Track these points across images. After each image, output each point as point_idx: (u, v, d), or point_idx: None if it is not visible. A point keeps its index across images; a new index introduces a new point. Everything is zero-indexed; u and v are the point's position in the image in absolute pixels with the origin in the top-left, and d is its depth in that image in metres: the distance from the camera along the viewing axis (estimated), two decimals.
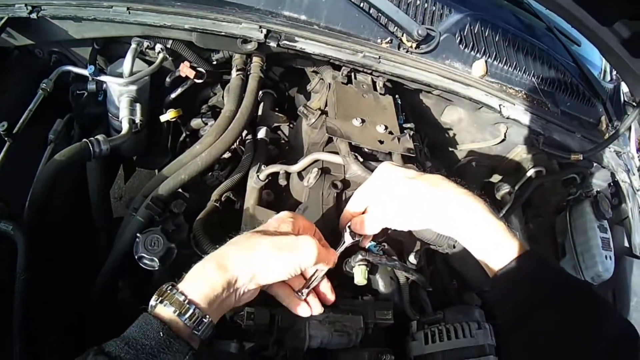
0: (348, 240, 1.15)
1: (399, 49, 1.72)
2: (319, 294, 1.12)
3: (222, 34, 1.51)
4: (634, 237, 2.22)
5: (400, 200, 1.03)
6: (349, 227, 1.15)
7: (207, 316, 0.87)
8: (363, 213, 1.14)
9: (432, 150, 2.01)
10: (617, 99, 2.50)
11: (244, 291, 0.95)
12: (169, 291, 0.88)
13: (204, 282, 0.90)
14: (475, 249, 0.99)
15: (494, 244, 0.96)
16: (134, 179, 2.45)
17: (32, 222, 1.33)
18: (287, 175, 1.48)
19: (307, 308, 1.09)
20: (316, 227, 1.15)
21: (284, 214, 1.10)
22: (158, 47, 1.60)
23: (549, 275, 0.94)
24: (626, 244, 2.21)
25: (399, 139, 1.48)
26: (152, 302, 0.88)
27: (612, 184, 2.33)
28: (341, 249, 1.16)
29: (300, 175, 1.45)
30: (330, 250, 1.10)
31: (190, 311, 0.85)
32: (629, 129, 2.50)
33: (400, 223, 1.07)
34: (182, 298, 0.86)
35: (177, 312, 0.85)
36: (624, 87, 2.56)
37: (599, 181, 2.32)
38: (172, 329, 0.83)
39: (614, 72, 2.55)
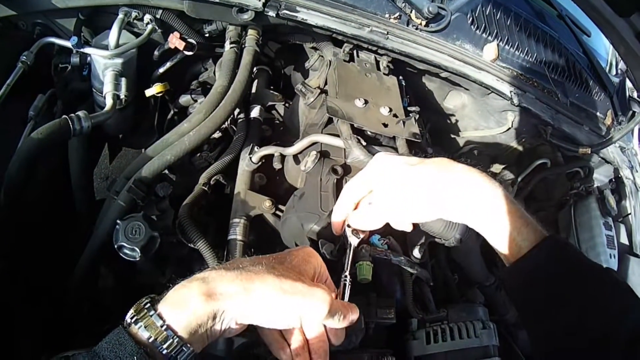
0: (354, 241, 1.04)
1: (407, 25, 1.64)
2: (312, 351, 0.92)
3: (217, 1, 1.43)
4: (635, 235, 2.19)
5: (407, 188, 0.93)
6: (349, 225, 1.04)
7: (188, 345, 0.75)
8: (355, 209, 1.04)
9: (433, 136, 1.96)
10: (623, 93, 2.45)
11: (229, 326, 0.80)
12: (146, 310, 0.76)
13: (186, 309, 0.76)
14: (492, 236, 0.91)
15: (513, 231, 0.88)
16: (121, 159, 2.40)
17: (8, 206, 1.25)
18: (283, 158, 1.41)
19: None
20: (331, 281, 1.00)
21: (308, 251, 0.96)
22: (147, 17, 1.53)
23: (570, 263, 0.87)
24: (626, 242, 2.17)
25: (404, 123, 1.41)
26: (128, 318, 0.76)
27: (613, 180, 2.28)
28: (350, 257, 1.03)
29: (296, 158, 1.37)
30: (350, 305, 0.92)
31: (169, 341, 0.74)
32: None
33: (407, 215, 0.96)
34: (159, 323, 0.74)
35: (154, 339, 0.73)
36: (629, 83, 2.51)
37: (601, 176, 2.30)
38: (148, 354, 0.72)
39: (619, 66, 2.50)
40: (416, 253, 1.29)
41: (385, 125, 1.36)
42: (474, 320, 1.37)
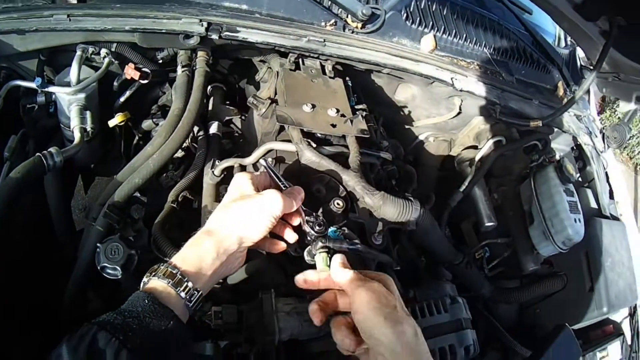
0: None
1: (344, 30, 1.72)
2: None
3: (163, 31, 1.50)
4: (601, 198, 2.26)
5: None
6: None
7: (198, 289, 0.95)
8: None
9: (388, 129, 2.02)
10: (574, 64, 2.53)
11: (232, 254, 1.02)
12: (161, 266, 0.95)
13: (195, 251, 0.99)
14: None
15: None
16: (95, 189, 2.43)
17: None
18: (243, 168, 1.47)
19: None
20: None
21: (241, 178, 1.12)
22: (103, 51, 1.58)
23: None
24: (595, 206, 2.23)
25: (351, 121, 1.48)
26: (145, 278, 0.96)
27: (575, 148, 2.35)
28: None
29: (255, 167, 1.44)
30: (292, 189, 1.15)
31: (185, 284, 0.93)
32: (588, 92, 2.53)
33: None
34: (175, 271, 0.93)
35: (170, 282, 0.92)
36: (580, 52, 2.58)
37: (562, 146, 2.36)
38: (156, 297, 0.89)
39: (569, 38, 2.57)
40: (376, 240, 1.37)
41: (334, 126, 1.44)
42: (443, 296, 1.43)
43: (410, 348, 0.92)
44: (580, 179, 2.33)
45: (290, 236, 1.18)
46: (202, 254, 0.98)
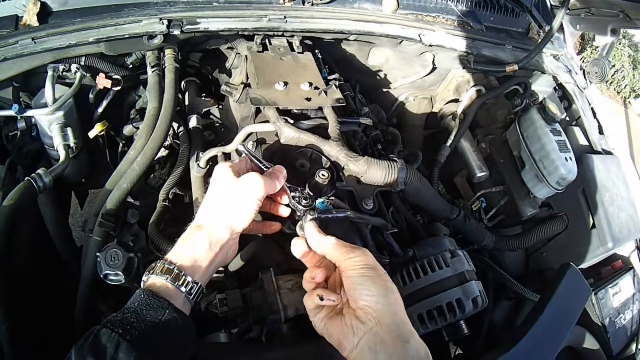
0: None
1: (303, 4, 1.74)
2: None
3: (127, 36, 1.50)
4: (590, 134, 2.24)
5: None
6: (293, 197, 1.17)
7: (196, 281, 0.97)
8: None
9: (367, 95, 2.03)
10: (543, 5, 2.51)
11: (224, 243, 1.03)
12: (158, 263, 0.97)
13: (188, 246, 1.01)
14: None
15: None
16: (91, 203, 2.43)
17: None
18: (226, 155, 1.49)
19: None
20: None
21: (221, 169, 1.11)
22: (73, 67, 1.59)
23: None
24: (585, 143, 2.23)
25: (326, 92, 1.49)
26: (144, 277, 0.99)
27: (557, 88, 2.35)
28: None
29: (238, 152, 1.45)
30: (273, 169, 1.14)
31: (182, 278, 0.95)
32: (562, 30, 2.52)
33: None
34: (171, 266, 0.96)
35: (168, 278, 0.94)
36: None
37: (543, 87, 2.35)
38: (154, 291, 0.92)
39: None
40: (367, 205, 1.38)
41: (309, 99, 1.45)
42: (442, 251, 1.43)
43: (398, 303, 0.93)
44: (567, 118, 2.31)
45: (284, 211, 1.19)
46: (195, 248, 1.00)
